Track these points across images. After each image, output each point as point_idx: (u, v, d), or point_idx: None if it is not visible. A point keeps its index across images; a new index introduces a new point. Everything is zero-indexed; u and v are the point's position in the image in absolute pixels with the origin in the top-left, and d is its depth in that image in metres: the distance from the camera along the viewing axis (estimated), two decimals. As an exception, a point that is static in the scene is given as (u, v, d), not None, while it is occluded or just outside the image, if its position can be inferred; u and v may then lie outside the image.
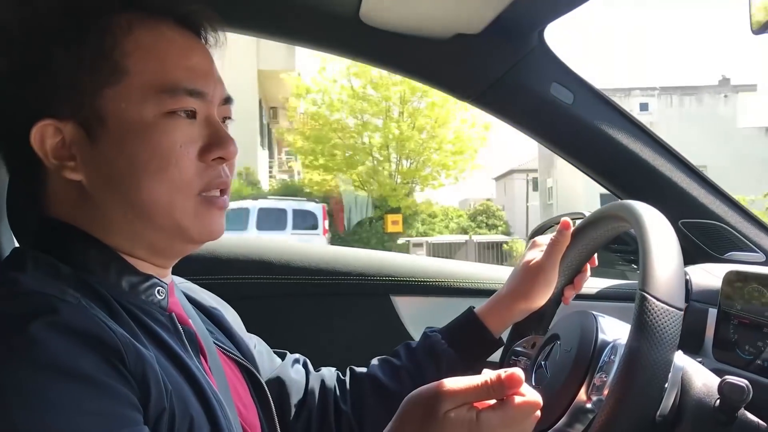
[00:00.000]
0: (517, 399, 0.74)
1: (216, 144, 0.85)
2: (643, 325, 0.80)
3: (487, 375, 0.74)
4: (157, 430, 0.73)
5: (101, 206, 0.83)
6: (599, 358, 0.94)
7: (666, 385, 0.85)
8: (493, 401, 0.74)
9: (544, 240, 1.18)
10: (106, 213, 0.83)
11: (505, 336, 1.23)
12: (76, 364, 0.67)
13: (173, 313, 0.88)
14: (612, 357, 0.93)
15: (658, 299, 0.81)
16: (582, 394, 0.93)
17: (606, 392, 0.89)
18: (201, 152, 0.85)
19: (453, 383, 0.74)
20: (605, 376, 0.91)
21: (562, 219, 1.15)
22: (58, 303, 0.71)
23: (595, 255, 1.18)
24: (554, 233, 1.15)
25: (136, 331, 0.78)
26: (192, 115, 0.84)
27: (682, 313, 0.81)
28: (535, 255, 1.17)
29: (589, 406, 0.93)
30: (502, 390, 0.73)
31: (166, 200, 0.83)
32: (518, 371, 0.74)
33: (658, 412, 0.87)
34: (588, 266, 1.20)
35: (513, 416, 0.74)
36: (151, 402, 0.72)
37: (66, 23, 0.82)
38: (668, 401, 0.90)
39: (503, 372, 0.74)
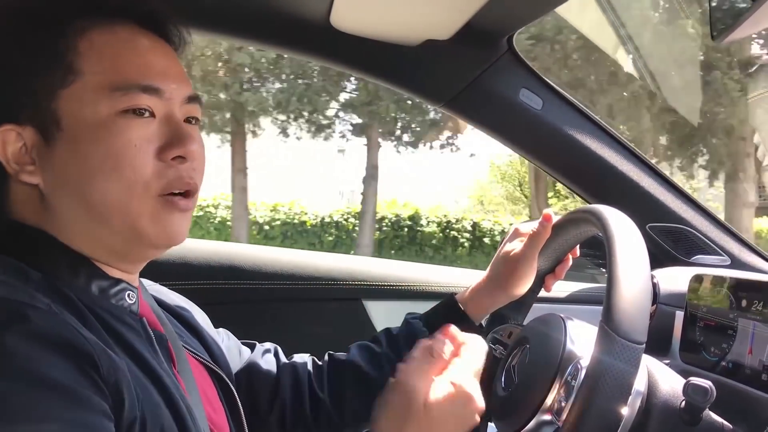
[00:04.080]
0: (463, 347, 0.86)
1: (175, 142, 0.83)
2: (602, 359, 0.81)
3: (426, 346, 0.85)
4: None
5: (59, 210, 0.82)
6: (563, 374, 0.95)
7: (624, 411, 0.86)
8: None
9: (525, 229, 1.18)
10: (65, 216, 0.82)
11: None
12: (48, 372, 0.66)
13: (144, 318, 0.87)
14: (573, 381, 0.93)
15: (620, 334, 0.81)
16: (545, 407, 0.94)
17: (563, 419, 0.90)
18: (159, 151, 0.83)
19: (411, 371, 0.82)
20: (564, 402, 0.92)
21: (544, 212, 1.16)
22: (28, 310, 0.69)
23: (577, 246, 1.19)
24: (536, 224, 1.16)
25: (107, 337, 0.77)
26: (150, 113, 0.83)
27: (643, 346, 0.82)
28: (516, 245, 1.17)
29: (551, 418, 0.93)
30: (450, 346, 0.85)
31: (122, 201, 0.81)
32: (451, 327, 0.87)
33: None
34: (569, 256, 1.20)
35: (470, 358, 0.85)
36: (124, 410, 0.71)
37: (23, 29, 0.81)
38: (634, 405, 0.91)
39: (439, 336, 0.86)
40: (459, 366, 0.83)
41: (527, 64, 1.46)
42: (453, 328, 0.85)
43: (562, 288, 1.67)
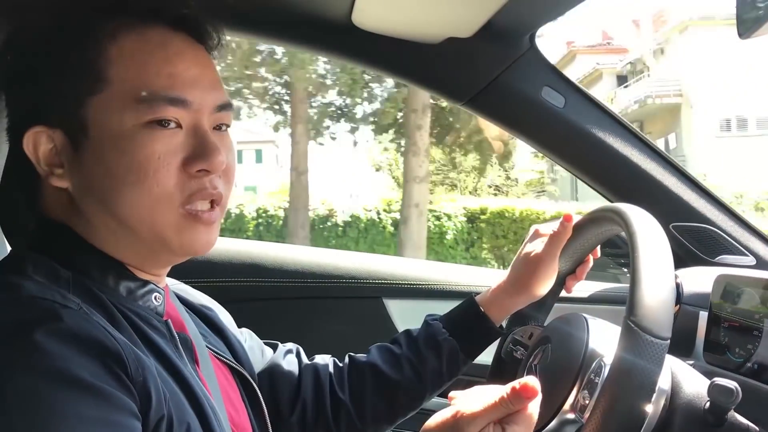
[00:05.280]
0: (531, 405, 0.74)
1: (200, 155, 0.82)
2: (626, 355, 0.81)
3: (502, 390, 0.74)
4: None
5: (88, 214, 0.82)
6: (586, 372, 0.94)
7: (648, 408, 0.85)
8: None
9: (545, 230, 1.18)
10: (93, 221, 0.83)
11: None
12: (79, 371, 0.67)
13: (169, 320, 0.87)
14: (596, 378, 0.92)
15: (644, 330, 0.81)
16: (568, 406, 0.93)
17: (587, 415, 0.89)
18: (184, 163, 0.81)
19: (470, 406, 0.74)
20: (588, 399, 0.91)
21: (564, 213, 1.15)
22: (60, 309, 0.70)
23: (598, 247, 1.18)
24: (557, 224, 1.15)
25: (135, 337, 0.78)
26: (176, 124, 0.81)
27: (668, 342, 0.81)
28: (536, 246, 1.17)
29: (574, 417, 0.93)
30: (520, 402, 0.73)
31: (147, 213, 0.80)
32: (532, 381, 0.73)
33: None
34: (590, 257, 1.20)
35: (532, 422, 0.74)
36: (151, 409, 0.72)
37: (52, 31, 0.81)
38: (659, 404, 0.90)
39: (517, 384, 0.73)
40: (518, 419, 0.74)
41: (549, 61, 1.45)
42: (532, 382, 0.73)
43: (583, 288, 1.66)
